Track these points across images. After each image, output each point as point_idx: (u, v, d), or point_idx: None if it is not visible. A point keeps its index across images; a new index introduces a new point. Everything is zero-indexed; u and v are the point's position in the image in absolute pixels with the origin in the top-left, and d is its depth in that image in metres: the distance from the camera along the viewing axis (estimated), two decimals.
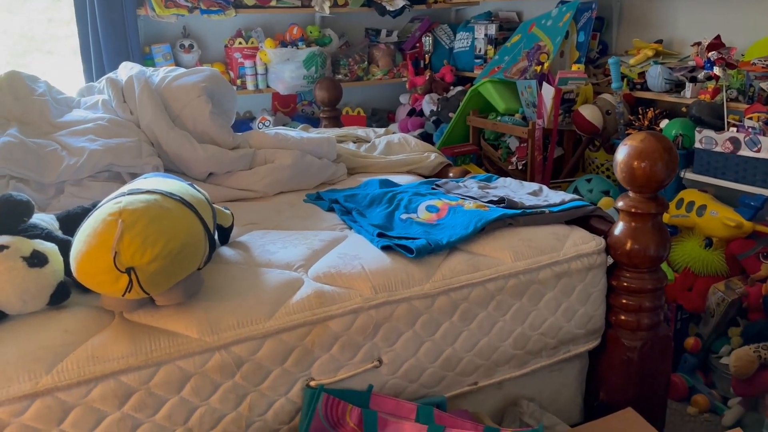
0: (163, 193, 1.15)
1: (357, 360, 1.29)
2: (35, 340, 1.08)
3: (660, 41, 2.76)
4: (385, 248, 1.41)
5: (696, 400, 2.03)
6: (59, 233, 1.27)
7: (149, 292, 1.09)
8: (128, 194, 1.12)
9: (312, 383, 1.25)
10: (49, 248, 1.15)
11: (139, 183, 1.23)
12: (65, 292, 1.15)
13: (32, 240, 1.15)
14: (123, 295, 1.07)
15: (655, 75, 2.53)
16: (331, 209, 1.73)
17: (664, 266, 2.22)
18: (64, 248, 1.15)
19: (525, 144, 2.90)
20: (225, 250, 1.44)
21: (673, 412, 2.01)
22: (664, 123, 2.45)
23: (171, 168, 1.87)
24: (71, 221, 1.30)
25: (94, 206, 1.18)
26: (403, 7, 3.63)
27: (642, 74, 2.64)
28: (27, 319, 1.13)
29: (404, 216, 1.58)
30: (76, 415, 1.06)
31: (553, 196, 1.72)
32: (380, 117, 3.88)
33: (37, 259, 1.11)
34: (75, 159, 1.71)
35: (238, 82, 3.40)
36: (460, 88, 3.49)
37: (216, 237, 1.36)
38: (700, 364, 2.13)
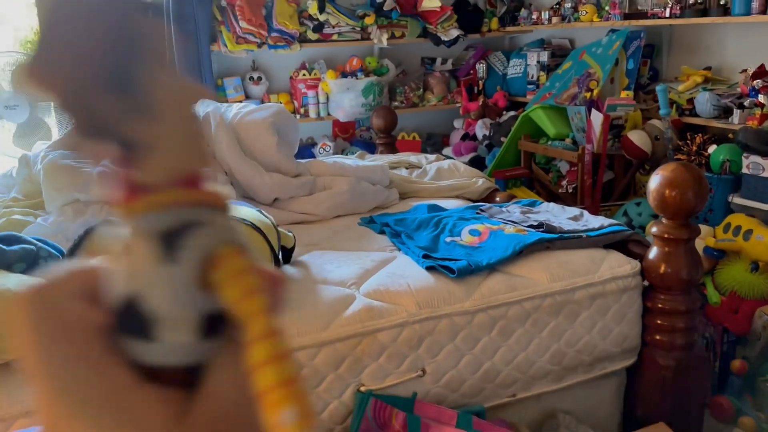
0: (237, 220, 1.34)
1: (403, 369, 1.44)
2: None
3: (709, 68, 2.80)
4: (430, 268, 1.55)
5: (743, 421, 2.05)
6: None
7: None
8: None
9: (362, 388, 1.40)
10: None
11: None
12: None
13: None
14: None
15: (704, 101, 2.58)
16: (382, 232, 1.89)
17: (710, 289, 2.26)
18: None
19: (575, 168, 2.99)
20: (287, 269, 1.62)
21: None
22: (712, 148, 2.49)
23: (241, 193, 2.08)
24: None
25: None
26: (458, 37, 3.78)
27: (690, 100, 2.69)
28: None
29: (449, 239, 1.72)
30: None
31: (593, 221, 1.81)
32: (435, 141, 4.03)
33: None
34: None
35: (302, 110, 3.64)
36: (512, 113, 3.60)
37: (280, 257, 1.55)
38: (748, 387, 2.14)
